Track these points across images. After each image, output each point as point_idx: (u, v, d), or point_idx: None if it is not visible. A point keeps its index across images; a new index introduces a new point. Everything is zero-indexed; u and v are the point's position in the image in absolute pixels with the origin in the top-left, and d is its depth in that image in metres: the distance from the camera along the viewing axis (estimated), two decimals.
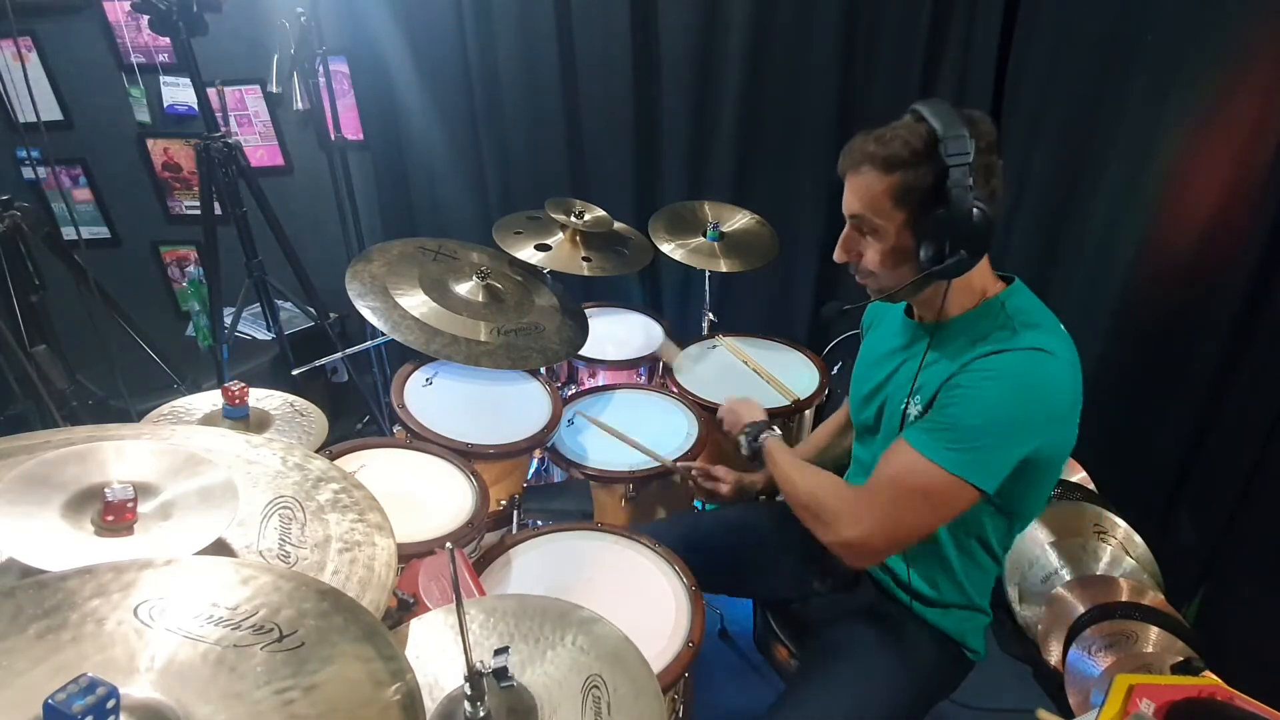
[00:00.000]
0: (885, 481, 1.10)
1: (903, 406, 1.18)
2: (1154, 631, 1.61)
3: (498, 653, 0.83)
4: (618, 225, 2.24)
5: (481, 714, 0.80)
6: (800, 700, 1.22)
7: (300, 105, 2.73)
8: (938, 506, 1.07)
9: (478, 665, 0.80)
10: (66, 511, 0.81)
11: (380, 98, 2.70)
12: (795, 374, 2.05)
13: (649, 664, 0.92)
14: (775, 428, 1.44)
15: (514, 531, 1.58)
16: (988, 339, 1.09)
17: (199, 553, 0.79)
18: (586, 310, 2.04)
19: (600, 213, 2.13)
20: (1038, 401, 1.04)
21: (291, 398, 1.36)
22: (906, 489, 1.07)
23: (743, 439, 1.44)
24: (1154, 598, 1.70)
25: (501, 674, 0.82)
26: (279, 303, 2.50)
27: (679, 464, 1.66)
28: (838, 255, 1.17)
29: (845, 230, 1.16)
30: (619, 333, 2.31)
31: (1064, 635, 1.72)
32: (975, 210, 1.02)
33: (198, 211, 2.49)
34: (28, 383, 1.79)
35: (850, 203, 1.12)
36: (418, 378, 1.77)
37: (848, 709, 1.19)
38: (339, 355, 2.14)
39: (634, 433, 1.82)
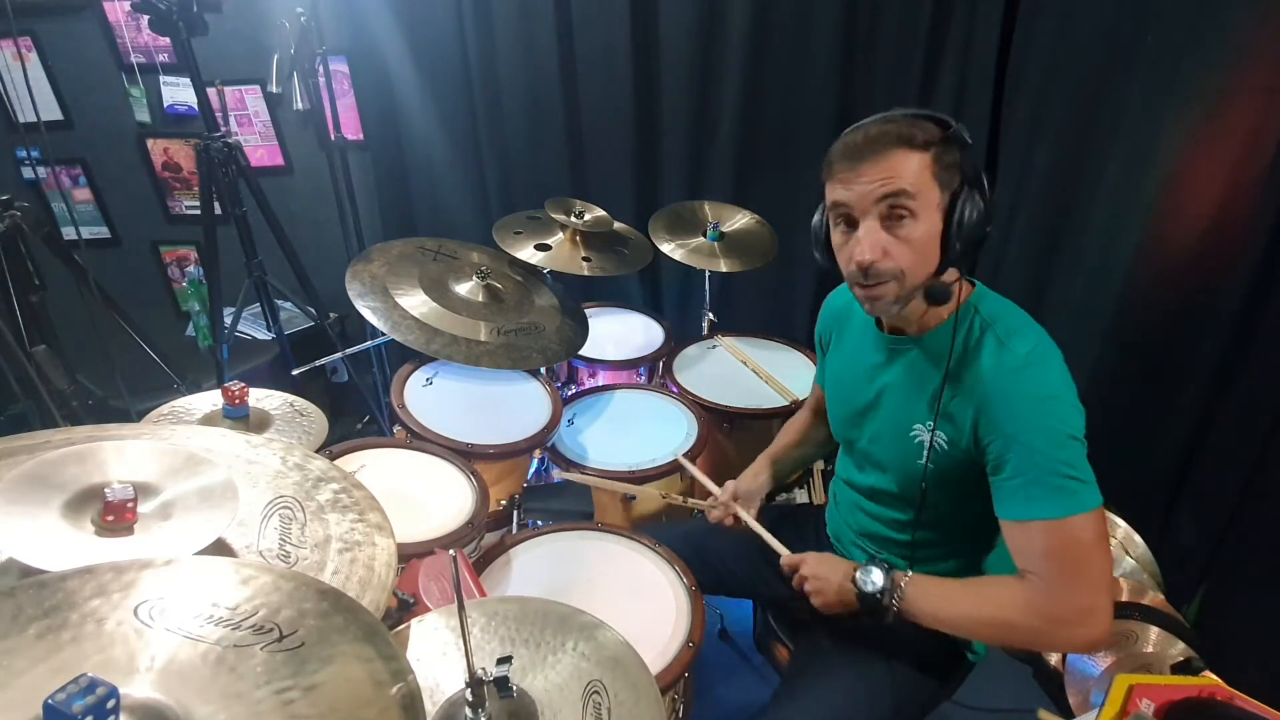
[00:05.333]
0: (1063, 561, 1.02)
1: (915, 433, 1.15)
2: (1154, 631, 1.61)
3: (500, 661, 0.82)
4: (618, 225, 2.24)
5: (483, 719, 0.80)
6: (798, 699, 1.22)
7: (300, 105, 2.73)
8: (1106, 537, 1.05)
9: (479, 672, 0.79)
10: (66, 511, 0.81)
11: (380, 98, 2.70)
12: (795, 374, 2.06)
13: (649, 669, 0.92)
14: (886, 565, 1.15)
15: (514, 531, 1.58)
16: (978, 354, 1.08)
17: (199, 553, 0.79)
18: (586, 310, 2.04)
19: (600, 213, 2.14)
20: (1072, 398, 1.05)
21: (291, 398, 1.36)
22: (1086, 550, 1.01)
23: (864, 597, 1.14)
24: (1154, 598, 1.70)
25: (502, 684, 0.81)
26: (279, 303, 2.50)
27: (695, 504, 1.53)
28: (867, 254, 1.03)
29: (868, 226, 1.04)
30: (619, 333, 2.31)
31: None
32: (986, 194, 1.02)
33: (198, 211, 2.50)
34: (28, 383, 1.79)
35: (888, 181, 1.00)
36: (418, 378, 1.77)
37: (845, 709, 1.19)
38: (339, 355, 2.15)
39: (634, 432, 1.82)
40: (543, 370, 1.87)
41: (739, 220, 2.30)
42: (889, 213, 1.02)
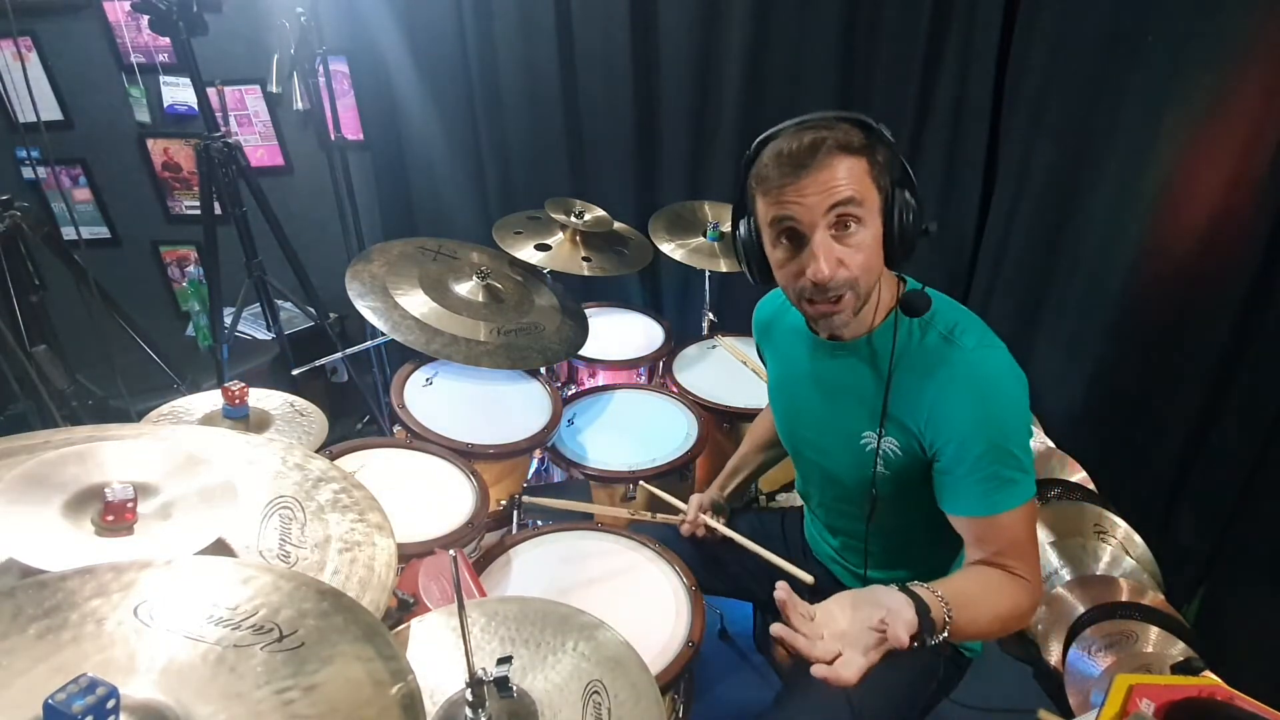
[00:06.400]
0: (1019, 548, 1.04)
1: (865, 441, 1.13)
2: (1154, 631, 1.61)
3: (500, 662, 0.82)
4: (618, 225, 2.25)
5: (483, 719, 0.80)
6: (798, 700, 1.22)
7: (300, 105, 2.73)
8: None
9: (479, 673, 0.79)
10: (66, 511, 0.81)
11: (380, 98, 2.70)
12: None
13: (649, 669, 0.92)
14: (923, 601, 0.95)
15: (514, 531, 1.58)
16: (923, 352, 1.06)
17: (199, 553, 0.79)
18: (586, 310, 2.04)
19: (600, 213, 2.14)
20: (1023, 384, 1.05)
21: (291, 398, 1.36)
22: (1031, 538, 1.06)
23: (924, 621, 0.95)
24: (1154, 598, 1.70)
25: (502, 684, 0.81)
26: (279, 303, 2.50)
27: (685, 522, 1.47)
28: (826, 269, 0.99)
29: (819, 239, 0.99)
30: (619, 333, 2.31)
31: (1064, 635, 1.72)
32: (916, 191, 1.02)
33: (198, 211, 2.49)
34: (28, 383, 1.79)
35: (835, 190, 0.97)
36: (418, 378, 1.77)
37: (845, 709, 1.19)
38: (339, 355, 2.14)
39: (634, 432, 1.82)
40: (543, 370, 1.87)
41: None
42: (836, 222, 0.99)
